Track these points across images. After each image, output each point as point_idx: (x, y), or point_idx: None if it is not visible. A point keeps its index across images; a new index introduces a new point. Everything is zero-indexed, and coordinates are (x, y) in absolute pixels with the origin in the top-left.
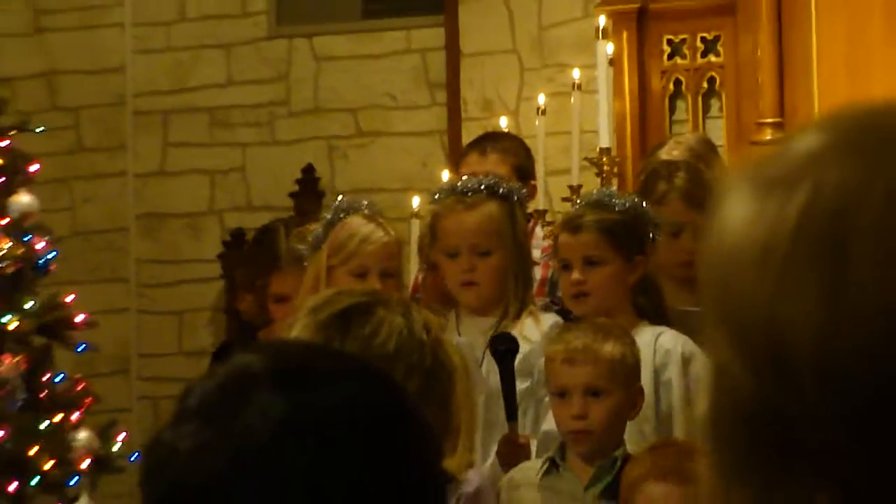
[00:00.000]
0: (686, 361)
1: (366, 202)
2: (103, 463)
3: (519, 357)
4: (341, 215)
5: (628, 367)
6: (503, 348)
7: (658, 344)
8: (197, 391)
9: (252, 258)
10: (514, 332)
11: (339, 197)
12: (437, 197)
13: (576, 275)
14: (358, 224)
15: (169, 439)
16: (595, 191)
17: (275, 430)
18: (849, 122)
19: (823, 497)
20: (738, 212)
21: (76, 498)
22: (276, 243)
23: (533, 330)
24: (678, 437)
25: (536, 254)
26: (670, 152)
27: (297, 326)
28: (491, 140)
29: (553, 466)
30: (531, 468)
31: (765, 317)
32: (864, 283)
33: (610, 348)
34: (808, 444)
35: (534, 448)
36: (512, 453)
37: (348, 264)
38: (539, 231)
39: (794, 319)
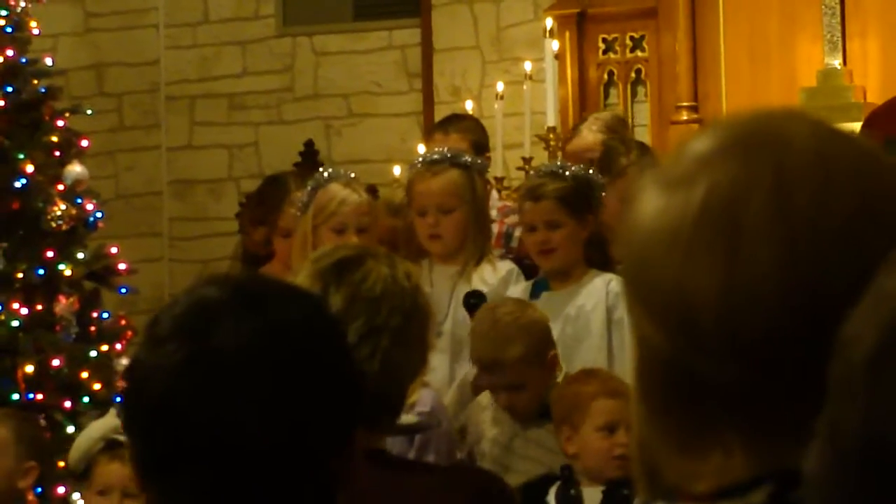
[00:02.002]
0: None
1: (343, 171)
2: None
3: None
4: (322, 183)
5: (537, 353)
6: (474, 301)
7: (609, 288)
8: (166, 318)
9: (264, 197)
10: (476, 276)
11: (320, 169)
12: (411, 169)
13: (540, 236)
14: (336, 189)
15: (149, 361)
16: (550, 163)
17: (248, 343)
18: (735, 128)
19: (731, 433)
20: (648, 207)
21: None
22: (287, 185)
23: (490, 275)
24: (629, 367)
25: (493, 213)
26: (590, 127)
27: (301, 274)
28: (453, 121)
29: None
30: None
31: (674, 289)
32: (753, 257)
33: (514, 351)
34: (716, 392)
35: None
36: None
37: (329, 222)
38: (495, 194)
39: (699, 289)
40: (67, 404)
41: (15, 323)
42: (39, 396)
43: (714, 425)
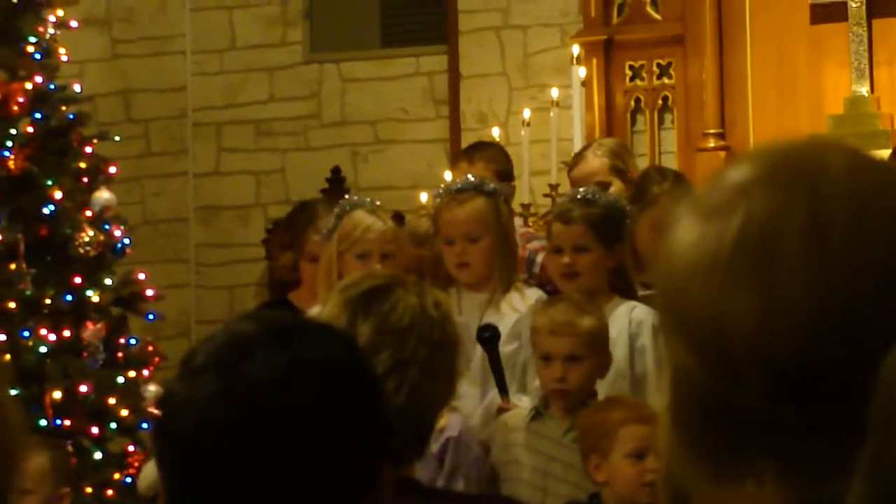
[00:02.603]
0: (657, 331)
1: (368, 199)
2: None
3: (509, 324)
4: (347, 210)
5: (601, 337)
6: (488, 335)
7: (632, 316)
8: (201, 351)
9: (292, 222)
10: (504, 304)
11: (346, 196)
12: (437, 198)
13: (566, 259)
14: (361, 216)
15: (183, 392)
16: (583, 188)
17: (282, 376)
18: (770, 157)
19: (765, 463)
20: (684, 237)
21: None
22: (315, 211)
23: (519, 302)
24: (652, 395)
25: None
26: (595, 152)
27: (329, 303)
28: (477, 150)
29: (538, 414)
30: (520, 415)
31: (711, 318)
32: (790, 286)
33: (587, 322)
34: (751, 421)
35: (527, 402)
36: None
37: (354, 249)
38: (518, 220)
39: (735, 319)
40: (95, 430)
41: (43, 349)
42: (67, 422)
43: (748, 455)
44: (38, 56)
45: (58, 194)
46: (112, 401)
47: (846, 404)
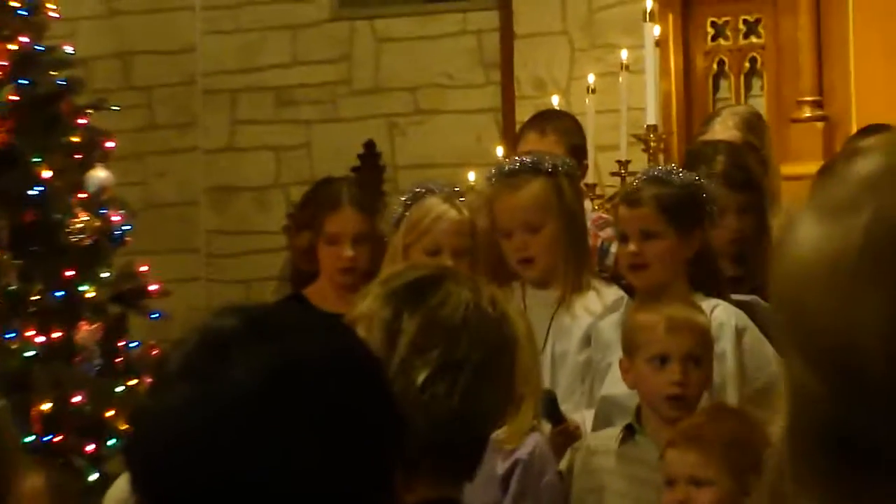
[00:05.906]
0: (739, 334)
1: (445, 185)
2: None
3: (582, 328)
4: (419, 195)
5: (711, 339)
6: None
7: (713, 316)
8: (174, 358)
9: (314, 197)
10: (578, 305)
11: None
12: (490, 181)
13: (632, 247)
14: (433, 203)
15: (153, 406)
16: (655, 166)
17: (265, 379)
18: None
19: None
20: (806, 236)
21: None
22: (338, 188)
23: (595, 303)
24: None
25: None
26: (725, 123)
27: (368, 297)
28: (550, 119)
29: (629, 434)
30: (609, 436)
31: (837, 330)
32: None
33: (703, 319)
34: (883, 452)
35: (589, 417)
36: (565, 443)
37: (422, 241)
38: (588, 204)
39: (865, 330)
40: (89, 447)
41: (29, 353)
42: (57, 438)
43: (873, 488)
44: (23, 12)
45: (46, 173)
46: (109, 413)
47: None
